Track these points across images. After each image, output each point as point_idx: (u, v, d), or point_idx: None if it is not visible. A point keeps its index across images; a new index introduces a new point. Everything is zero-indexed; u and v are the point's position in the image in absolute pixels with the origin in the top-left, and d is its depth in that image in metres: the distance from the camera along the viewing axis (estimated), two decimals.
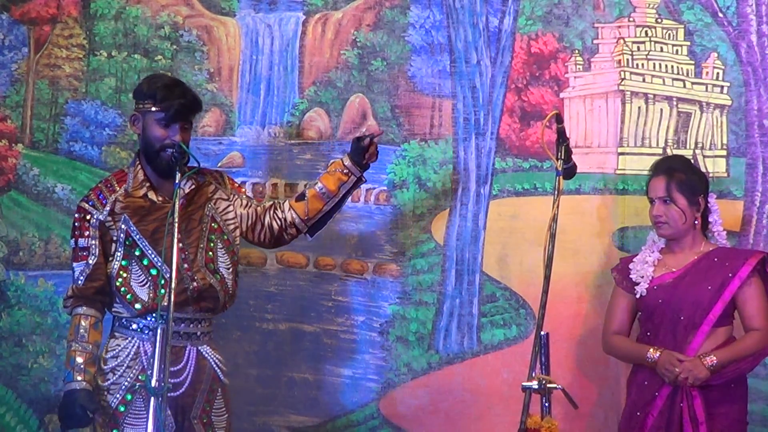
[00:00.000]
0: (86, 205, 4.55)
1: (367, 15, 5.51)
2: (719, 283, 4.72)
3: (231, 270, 4.61)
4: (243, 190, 4.80)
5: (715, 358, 4.63)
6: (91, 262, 4.50)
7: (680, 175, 4.78)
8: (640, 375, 4.79)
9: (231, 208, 4.67)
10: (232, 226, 4.65)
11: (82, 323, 4.47)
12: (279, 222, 4.72)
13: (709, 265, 4.76)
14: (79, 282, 4.51)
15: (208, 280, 4.52)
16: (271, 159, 5.53)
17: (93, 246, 4.51)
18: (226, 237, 4.62)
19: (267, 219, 4.71)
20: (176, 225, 4.27)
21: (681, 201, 4.77)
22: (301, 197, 4.75)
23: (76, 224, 4.55)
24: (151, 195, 4.53)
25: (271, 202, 4.78)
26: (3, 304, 5.58)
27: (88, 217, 4.52)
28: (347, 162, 4.72)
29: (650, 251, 4.86)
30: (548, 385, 4.01)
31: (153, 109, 4.48)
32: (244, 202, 4.71)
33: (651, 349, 4.71)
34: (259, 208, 4.72)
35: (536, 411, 4.03)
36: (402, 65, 5.45)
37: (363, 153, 4.69)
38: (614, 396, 5.19)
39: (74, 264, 4.55)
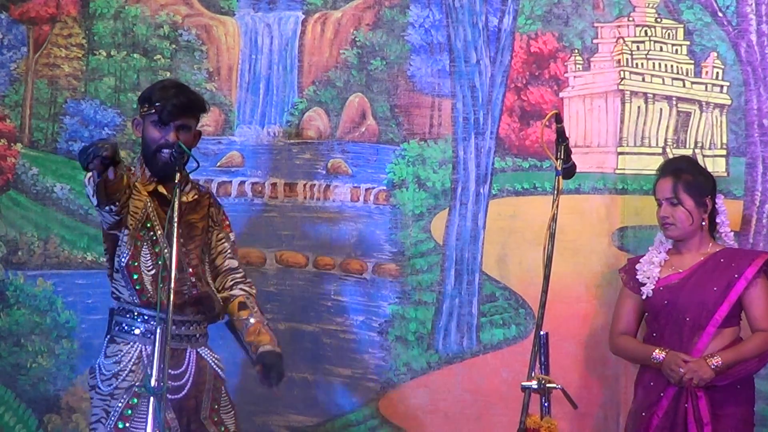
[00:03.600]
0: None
1: (367, 14, 5.50)
2: (725, 284, 4.70)
3: None
4: (229, 229, 4.69)
5: (720, 359, 4.62)
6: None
7: (687, 176, 4.76)
8: (647, 375, 4.78)
9: (217, 230, 4.67)
10: (219, 246, 4.67)
11: None
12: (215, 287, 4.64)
13: (715, 266, 4.75)
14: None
15: (206, 289, 4.52)
16: (271, 158, 5.52)
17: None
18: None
19: (215, 278, 4.65)
20: (176, 224, 4.25)
21: (688, 202, 4.75)
22: (243, 307, 4.63)
23: None
24: (161, 189, 4.50)
25: (241, 275, 4.67)
26: (2, 304, 5.58)
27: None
28: (258, 350, 4.58)
29: (657, 252, 4.84)
30: (547, 385, 4.00)
31: (150, 111, 4.48)
32: (223, 238, 4.66)
33: (656, 350, 4.69)
34: (218, 259, 4.64)
35: (536, 411, 4.02)
36: (401, 65, 5.45)
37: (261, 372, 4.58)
38: (614, 396, 5.19)
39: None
